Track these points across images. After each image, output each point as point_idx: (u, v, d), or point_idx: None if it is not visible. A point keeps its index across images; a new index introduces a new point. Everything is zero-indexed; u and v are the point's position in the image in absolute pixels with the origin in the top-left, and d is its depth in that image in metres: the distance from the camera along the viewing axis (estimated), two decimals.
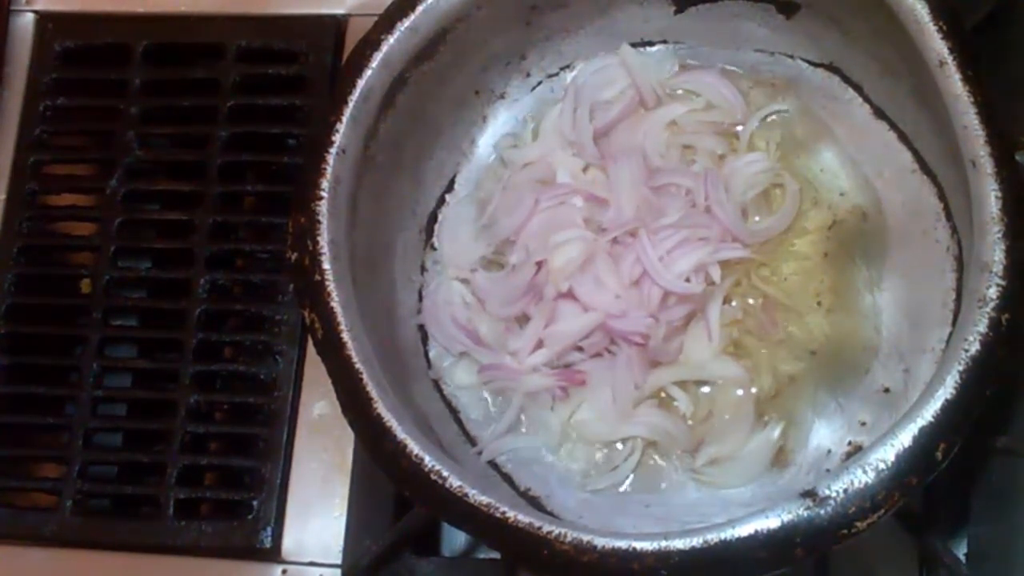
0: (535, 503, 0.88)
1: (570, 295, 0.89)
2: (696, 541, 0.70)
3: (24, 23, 1.10)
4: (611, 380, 0.89)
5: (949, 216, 0.87)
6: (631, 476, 0.89)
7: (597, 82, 0.97)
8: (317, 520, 0.96)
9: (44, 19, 1.11)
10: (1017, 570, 0.83)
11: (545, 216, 0.92)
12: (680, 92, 0.97)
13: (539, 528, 0.73)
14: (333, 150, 0.84)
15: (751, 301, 0.91)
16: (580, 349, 0.90)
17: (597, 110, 0.96)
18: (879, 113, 0.92)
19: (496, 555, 0.83)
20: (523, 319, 0.91)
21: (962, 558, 0.90)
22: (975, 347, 0.72)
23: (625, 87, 0.96)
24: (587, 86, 0.96)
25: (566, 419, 0.90)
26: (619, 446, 0.89)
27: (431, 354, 0.94)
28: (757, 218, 0.92)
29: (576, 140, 0.95)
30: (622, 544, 0.71)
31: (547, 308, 0.89)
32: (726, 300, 0.90)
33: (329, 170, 0.83)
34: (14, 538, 0.99)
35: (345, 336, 0.80)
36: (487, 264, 0.95)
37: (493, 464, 0.90)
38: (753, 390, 0.89)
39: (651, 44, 0.98)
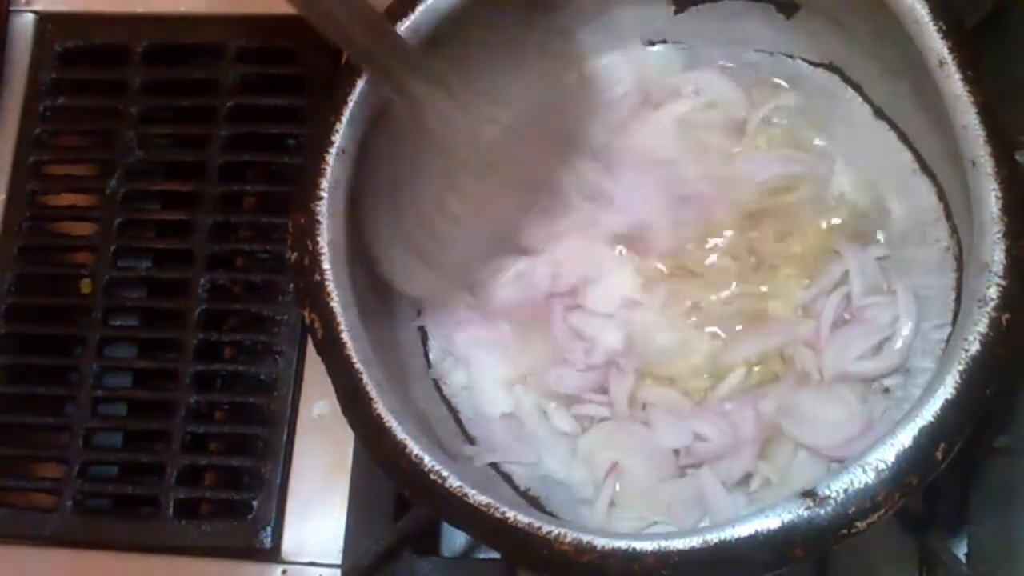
0: (535, 503, 0.88)
1: None
2: (696, 541, 0.70)
3: (24, 23, 1.10)
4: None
5: (949, 216, 0.87)
6: None
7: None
8: (317, 520, 0.96)
9: (44, 19, 1.10)
10: (1017, 570, 0.83)
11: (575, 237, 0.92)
12: (685, 91, 0.97)
13: (539, 528, 0.73)
14: (333, 150, 0.84)
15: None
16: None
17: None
18: (879, 113, 0.92)
19: (496, 555, 0.83)
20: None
21: (962, 558, 0.90)
22: (975, 347, 0.71)
23: (630, 87, 0.96)
24: None
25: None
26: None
27: (431, 354, 0.94)
28: None
29: None
30: (622, 544, 0.71)
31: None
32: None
33: (329, 170, 0.83)
34: (14, 538, 0.99)
35: (345, 336, 0.80)
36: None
37: (493, 464, 0.90)
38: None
39: (651, 44, 0.98)
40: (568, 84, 0.91)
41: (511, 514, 0.74)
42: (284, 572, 0.95)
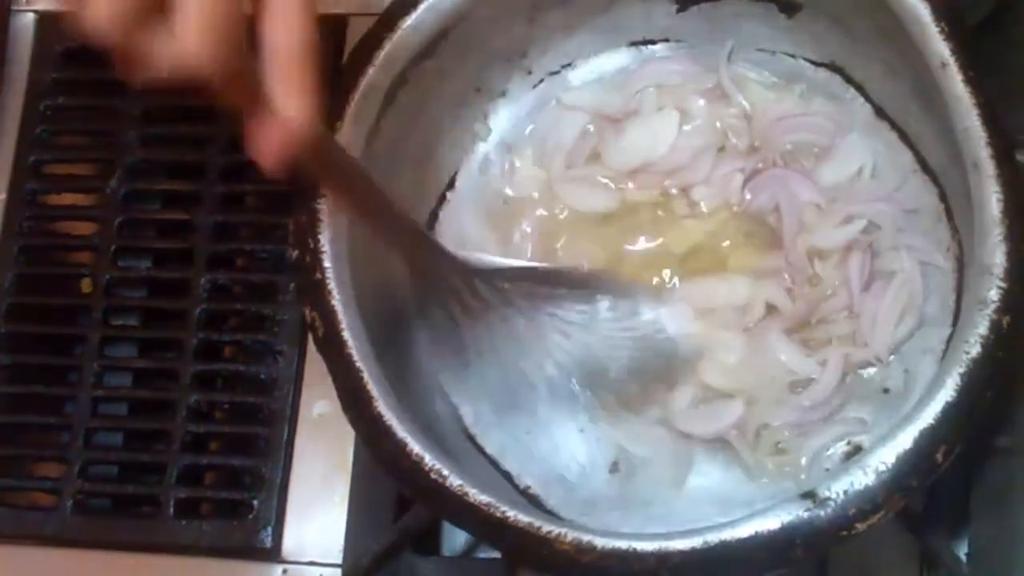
0: (535, 501, 0.88)
1: None
2: (696, 542, 0.70)
3: (24, 23, 1.10)
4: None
5: (950, 217, 0.87)
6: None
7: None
8: (317, 520, 0.96)
9: (44, 19, 1.10)
10: (1017, 570, 0.83)
11: None
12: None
13: (539, 528, 0.73)
14: None
15: None
16: None
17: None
18: (880, 113, 0.92)
19: (496, 555, 0.83)
20: None
21: (962, 558, 0.90)
22: (976, 349, 0.71)
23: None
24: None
25: None
26: None
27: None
28: None
29: None
30: (622, 544, 0.71)
31: None
32: None
33: None
34: (14, 538, 0.98)
35: (346, 335, 0.80)
36: None
37: (493, 462, 0.90)
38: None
39: (652, 43, 0.98)
40: None
41: (511, 513, 0.74)
42: (284, 572, 0.95)
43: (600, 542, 0.72)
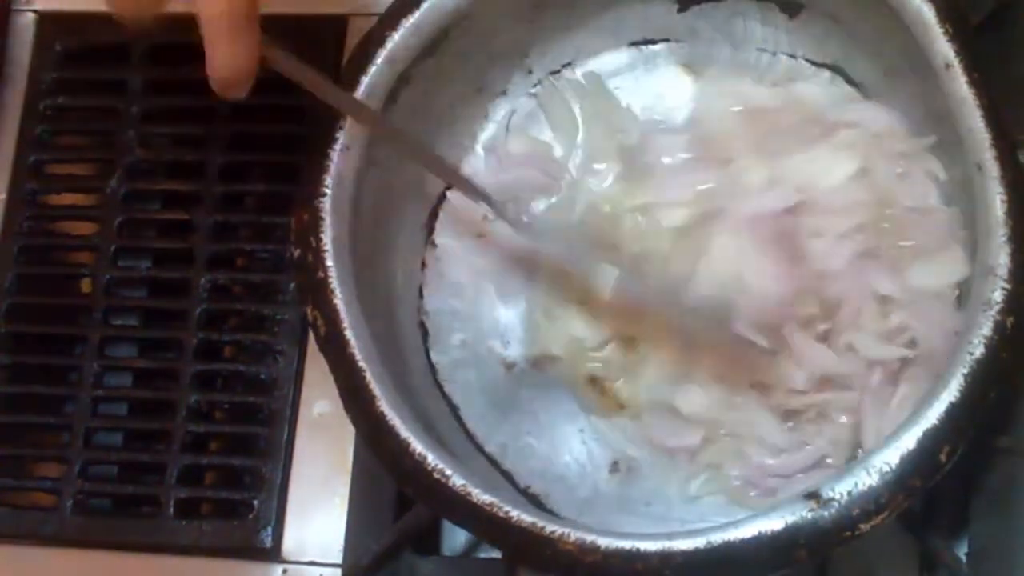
0: (534, 501, 0.88)
1: None
2: (700, 542, 0.70)
3: (24, 23, 1.10)
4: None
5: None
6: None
7: None
8: (317, 520, 0.96)
9: (44, 19, 1.10)
10: (1017, 570, 0.83)
11: None
12: None
13: (542, 528, 0.73)
14: (337, 147, 0.84)
15: None
16: None
17: None
18: None
19: (497, 554, 0.83)
20: None
21: (962, 558, 0.90)
22: (979, 350, 0.72)
23: None
24: None
25: None
26: None
27: (431, 351, 0.94)
28: None
29: None
30: (626, 544, 0.71)
31: None
32: None
33: (333, 167, 0.83)
34: (14, 538, 0.98)
35: (348, 334, 0.80)
36: None
37: (493, 461, 0.90)
38: None
39: (653, 43, 0.98)
40: None
41: (515, 513, 0.74)
42: (284, 572, 0.95)
43: (604, 542, 0.72)
